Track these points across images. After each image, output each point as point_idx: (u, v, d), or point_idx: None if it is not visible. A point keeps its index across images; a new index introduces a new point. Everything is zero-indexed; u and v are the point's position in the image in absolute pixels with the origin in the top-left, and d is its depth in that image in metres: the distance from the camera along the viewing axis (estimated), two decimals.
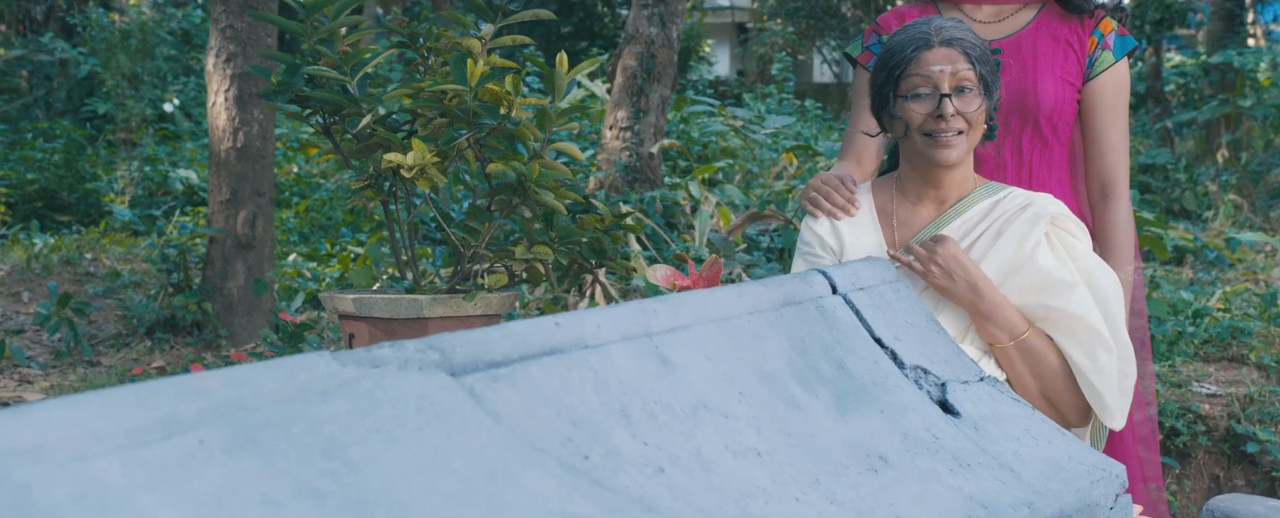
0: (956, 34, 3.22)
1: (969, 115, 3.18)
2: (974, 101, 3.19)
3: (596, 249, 3.89)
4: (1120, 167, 3.67)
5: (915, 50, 3.23)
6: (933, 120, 3.20)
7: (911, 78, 3.22)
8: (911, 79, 3.22)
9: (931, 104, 3.19)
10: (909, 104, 3.22)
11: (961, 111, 3.17)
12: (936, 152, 3.21)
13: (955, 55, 3.19)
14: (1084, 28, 3.70)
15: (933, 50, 3.20)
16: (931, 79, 3.18)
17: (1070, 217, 3.29)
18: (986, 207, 3.33)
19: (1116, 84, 3.69)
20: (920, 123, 3.22)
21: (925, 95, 3.20)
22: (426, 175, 3.54)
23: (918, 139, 3.25)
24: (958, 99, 3.17)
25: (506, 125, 3.58)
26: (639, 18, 10.23)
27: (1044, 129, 3.65)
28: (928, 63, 3.19)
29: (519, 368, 2.03)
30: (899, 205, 3.40)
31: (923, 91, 3.20)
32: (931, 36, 3.22)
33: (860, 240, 3.40)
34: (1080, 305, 3.16)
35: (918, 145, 3.26)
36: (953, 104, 3.16)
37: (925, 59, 3.20)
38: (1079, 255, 3.27)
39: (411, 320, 3.64)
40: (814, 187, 3.52)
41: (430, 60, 3.76)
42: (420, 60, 3.77)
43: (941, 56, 3.19)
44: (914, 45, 3.24)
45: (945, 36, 3.22)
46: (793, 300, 2.68)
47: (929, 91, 3.19)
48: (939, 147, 3.21)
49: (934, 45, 3.21)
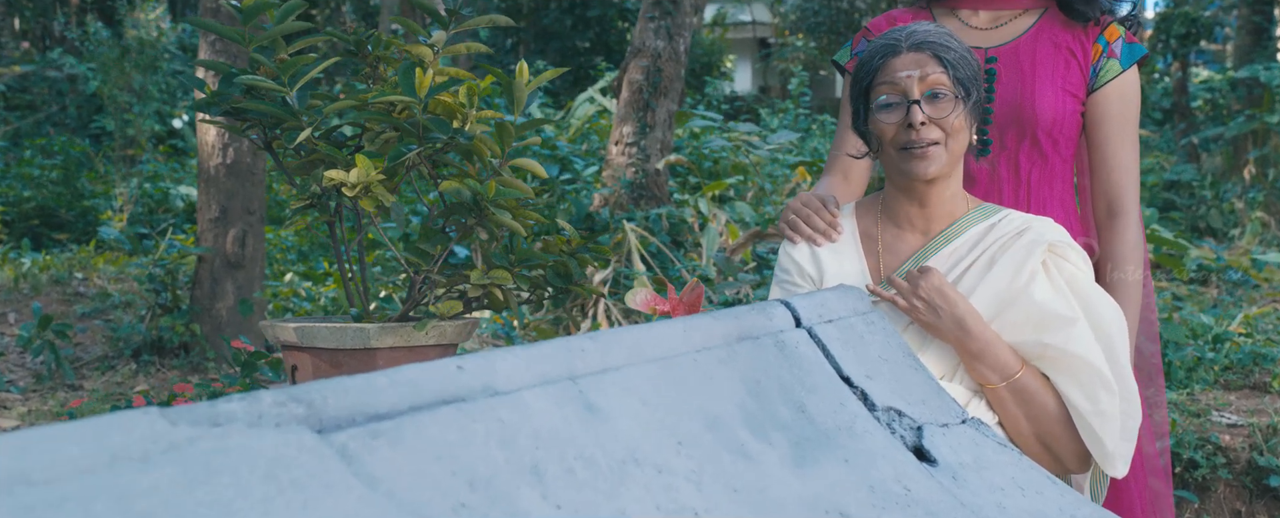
0: (929, 38, 2.98)
1: (944, 123, 2.93)
2: (948, 107, 2.93)
3: (561, 273, 3.61)
4: (1129, 184, 3.40)
5: (883, 58, 3.00)
6: (904, 131, 2.96)
7: (880, 86, 2.99)
8: (880, 88, 2.99)
9: (901, 113, 2.95)
10: (879, 115, 2.98)
11: (934, 119, 2.92)
12: (911, 165, 2.96)
13: (925, 59, 2.95)
14: (1088, 35, 3.43)
15: (901, 56, 2.97)
16: (899, 86, 2.95)
17: (1071, 244, 3.02)
18: (979, 232, 3.06)
19: (1124, 95, 3.42)
20: (892, 135, 2.98)
21: (895, 104, 2.96)
22: (372, 194, 3.27)
23: (892, 154, 3.02)
24: (929, 105, 2.93)
25: (459, 140, 3.31)
26: (645, 30, 9.96)
27: (1043, 144, 3.38)
28: (895, 69, 2.96)
29: (407, 421, 1.75)
30: (884, 230, 3.14)
31: (892, 100, 2.96)
32: (900, 42, 2.99)
33: (842, 268, 3.14)
34: (1080, 343, 2.88)
35: (893, 160, 3.03)
36: (923, 111, 2.91)
37: (893, 66, 2.97)
38: (1080, 287, 3.00)
39: (359, 351, 3.38)
40: (793, 208, 3.26)
41: (380, 70, 3.50)
42: (369, 70, 3.51)
43: (910, 62, 2.95)
44: (882, 53, 3.01)
45: (915, 41, 2.98)
46: (748, 335, 2.40)
47: (898, 100, 2.95)
48: (914, 159, 2.95)
49: (902, 51, 2.97)
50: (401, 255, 3.43)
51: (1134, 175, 3.41)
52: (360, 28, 3.38)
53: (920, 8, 3.59)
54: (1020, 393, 2.90)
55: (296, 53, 3.45)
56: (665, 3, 9.90)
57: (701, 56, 25.16)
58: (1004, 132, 3.37)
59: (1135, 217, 3.40)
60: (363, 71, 3.50)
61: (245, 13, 3.30)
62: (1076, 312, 2.91)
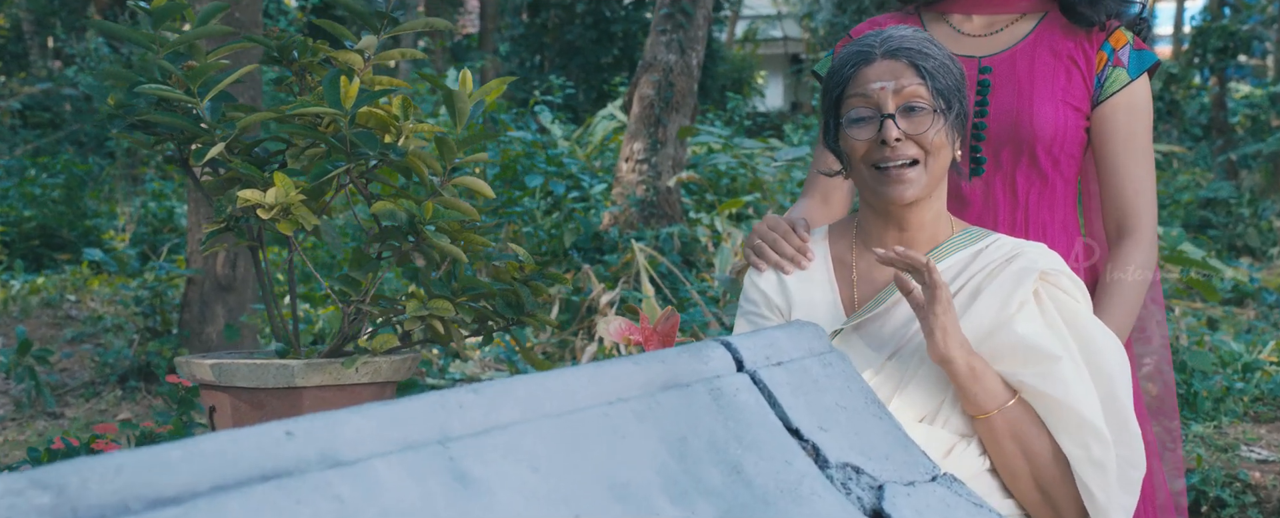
0: (905, 44, 2.68)
1: (923, 140, 2.63)
2: (925, 122, 2.63)
3: (512, 303, 3.28)
4: (1140, 204, 3.08)
5: (854, 66, 2.69)
6: (877, 148, 2.66)
7: (850, 99, 2.69)
8: (851, 100, 2.69)
9: (874, 128, 2.65)
10: (850, 131, 2.68)
11: (911, 135, 2.62)
12: (887, 188, 2.66)
13: (901, 68, 2.64)
14: (1092, 42, 3.12)
15: (874, 64, 2.67)
16: (872, 98, 2.65)
17: (1066, 272, 2.69)
18: (963, 259, 2.75)
19: (1132, 107, 3.09)
20: (864, 152, 2.68)
21: (867, 118, 2.66)
22: (292, 216, 2.95)
23: (865, 173, 2.71)
24: (905, 120, 2.63)
25: (391, 156, 2.98)
26: (656, 44, 9.64)
27: (1042, 162, 3.06)
28: (867, 79, 2.66)
29: (205, 506, 1.40)
30: (859, 256, 2.83)
31: (863, 114, 2.66)
32: (873, 49, 2.69)
33: (812, 298, 2.84)
34: (1060, 385, 2.56)
35: (867, 180, 2.72)
36: (897, 126, 2.61)
37: (865, 75, 2.67)
38: (1075, 321, 2.67)
39: (282, 391, 3.06)
40: (759, 232, 2.95)
41: (308, 79, 3.18)
42: (295, 79, 3.19)
43: (883, 71, 2.65)
44: (853, 61, 2.71)
45: (890, 47, 2.67)
46: (676, 383, 2.06)
47: (870, 113, 2.66)
48: (889, 181, 2.65)
49: (875, 58, 2.67)
50: (329, 284, 3.11)
51: (1148, 194, 3.09)
52: (286, 33, 3.05)
53: (908, 13, 3.27)
54: (1015, 425, 2.59)
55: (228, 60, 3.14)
56: (677, 15, 9.57)
57: (732, 73, 24.84)
58: (999, 149, 3.06)
59: (1147, 237, 3.08)
60: (287, 81, 3.19)
61: (155, 15, 2.98)
62: (1066, 348, 2.59)
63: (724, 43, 28.51)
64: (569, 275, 8.80)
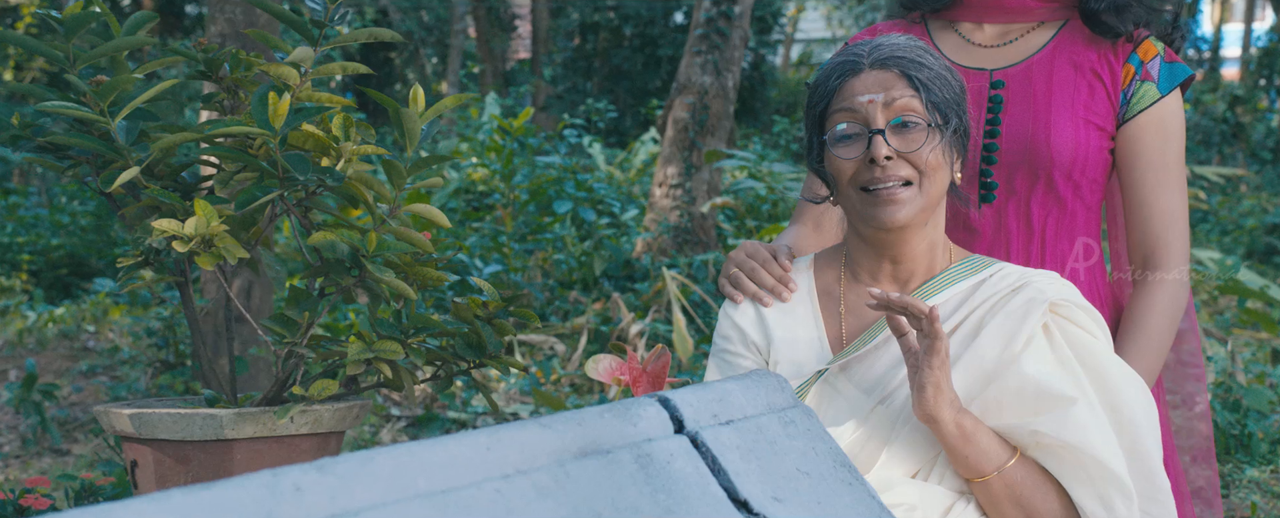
0: (897, 52, 2.41)
1: (916, 158, 2.36)
2: (918, 138, 2.37)
3: (473, 344, 2.96)
4: (1170, 236, 2.76)
5: (840, 78, 2.44)
6: (866, 168, 2.39)
7: (836, 114, 2.43)
8: (835, 115, 2.43)
9: (861, 146, 2.38)
10: (836, 149, 2.42)
11: (903, 153, 2.35)
12: (876, 211, 2.39)
13: (891, 79, 2.39)
14: (1118, 54, 2.80)
15: (862, 75, 2.41)
16: (860, 112, 2.39)
17: (1080, 304, 2.39)
18: (964, 290, 2.48)
19: (1163, 126, 2.78)
20: (851, 173, 2.41)
21: (853, 136, 2.40)
22: (215, 249, 2.64)
23: (853, 196, 2.44)
24: (896, 136, 2.38)
25: (326, 182, 2.67)
26: (691, 65, 9.31)
27: (1061, 187, 2.75)
28: (855, 91, 2.40)
29: None
30: (848, 288, 2.55)
31: (850, 130, 2.40)
32: (861, 58, 2.42)
33: (794, 335, 2.58)
34: (1076, 431, 2.29)
35: (854, 204, 2.45)
36: (887, 143, 2.34)
37: (852, 87, 2.41)
38: (1091, 358, 2.40)
39: (211, 444, 2.75)
40: (736, 261, 2.67)
41: (240, 96, 2.87)
42: (226, 96, 2.89)
43: (872, 82, 2.39)
44: (840, 72, 2.45)
45: (879, 56, 2.41)
46: (595, 449, 1.74)
47: (857, 130, 2.40)
48: (878, 204, 2.39)
49: (863, 69, 2.41)
50: (258, 325, 2.80)
51: (1179, 225, 2.78)
52: (214, 45, 2.74)
53: (913, 22, 2.94)
54: (1016, 488, 2.32)
55: (149, 76, 2.84)
56: (713, 36, 9.24)
57: (785, 96, 24.50)
58: (1013, 173, 2.76)
59: (1178, 273, 2.77)
60: (217, 98, 2.88)
61: (67, 25, 2.69)
62: (1081, 389, 2.33)
63: (779, 66, 28.17)
64: (599, 305, 8.49)
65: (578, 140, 11.85)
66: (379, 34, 2.79)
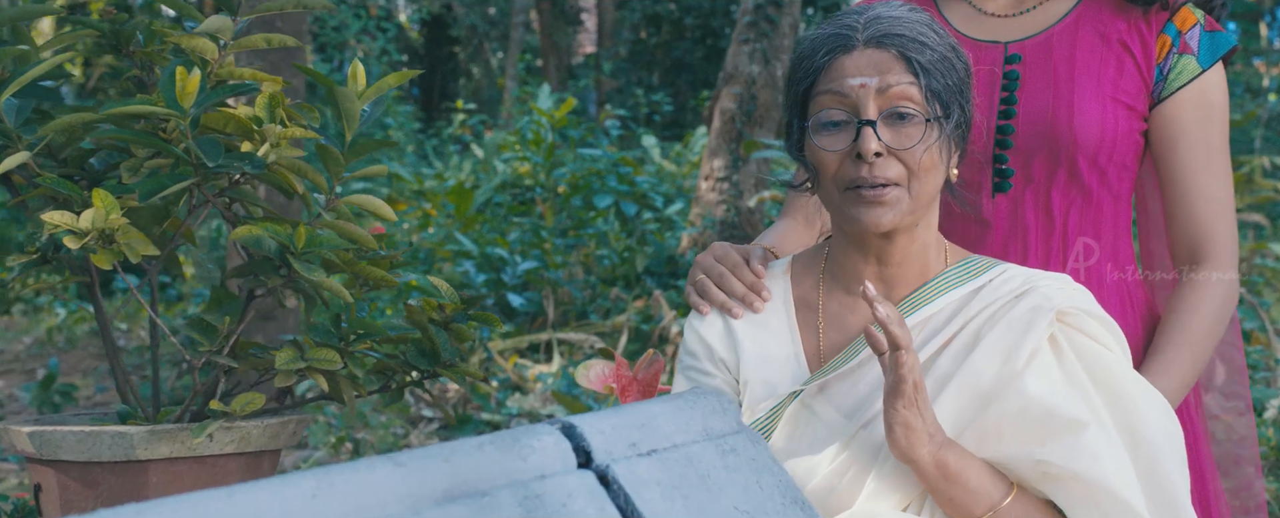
0: (895, 28, 2.09)
1: (909, 157, 2.07)
2: (915, 134, 2.07)
3: (426, 351, 2.65)
4: (1218, 226, 2.44)
5: (829, 55, 2.12)
6: (852, 163, 2.09)
7: (821, 96, 2.12)
8: (820, 98, 2.12)
9: (848, 137, 2.08)
10: (819, 138, 2.12)
11: (895, 150, 2.06)
12: (860, 211, 2.10)
13: (887, 61, 2.08)
14: (1151, 23, 2.47)
15: (854, 55, 2.10)
16: (849, 97, 2.08)
17: (1093, 312, 2.09)
18: (960, 298, 2.18)
19: (1204, 103, 2.45)
20: (835, 168, 2.12)
21: (840, 124, 2.10)
22: (116, 245, 2.34)
23: (835, 193, 2.13)
24: (888, 129, 2.07)
25: (245, 169, 2.37)
26: (738, 54, 8.97)
27: (1085, 174, 2.43)
28: (844, 72, 2.09)
29: None
30: (828, 295, 2.27)
31: (836, 118, 2.10)
32: (854, 33, 2.11)
33: (766, 350, 2.26)
34: (1087, 460, 1.98)
35: (836, 202, 2.14)
36: (877, 137, 2.05)
37: (842, 67, 2.10)
38: (1105, 374, 2.09)
39: (122, 465, 2.45)
40: (702, 265, 2.37)
41: (156, 72, 2.57)
42: (138, 73, 2.59)
43: (865, 63, 2.09)
44: (828, 46, 2.12)
45: (875, 32, 2.09)
46: (466, 491, 1.42)
47: (844, 118, 2.09)
48: (863, 204, 2.09)
49: (856, 46, 2.10)
50: (167, 329, 2.50)
51: (1226, 213, 2.46)
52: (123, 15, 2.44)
53: None
54: None
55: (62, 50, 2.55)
56: (761, 24, 8.90)
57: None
58: (1031, 159, 2.45)
59: (1228, 266, 2.44)
60: (129, 75, 2.58)
61: None
62: (1093, 411, 2.03)
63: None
64: (641, 302, 8.18)
65: (619, 132, 11.51)
66: (308, 2, 2.48)
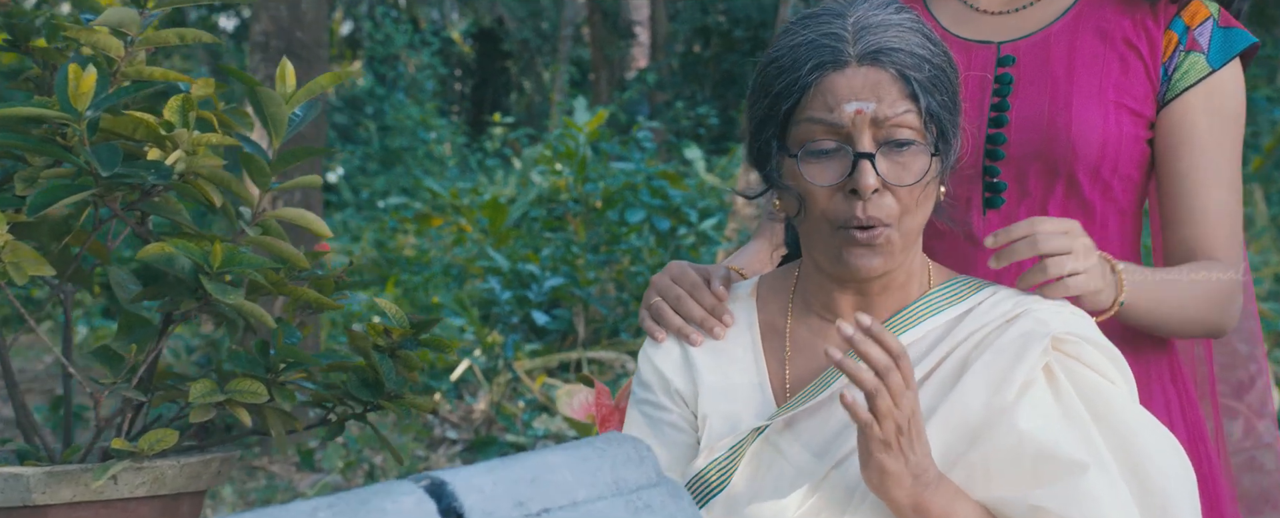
0: (891, 41, 1.86)
1: (905, 194, 1.86)
2: (918, 167, 1.87)
3: (368, 381, 2.40)
4: (1219, 238, 2.19)
5: (817, 71, 1.86)
6: (844, 200, 1.87)
7: (806, 123, 1.88)
8: (805, 126, 1.88)
9: (840, 169, 1.86)
10: (807, 168, 1.89)
11: (893, 186, 1.85)
12: (850, 256, 1.89)
13: (885, 83, 1.85)
14: (1158, 18, 2.23)
15: (846, 73, 1.85)
16: (842, 126, 1.85)
17: (1093, 339, 1.93)
18: (945, 324, 1.97)
19: (1215, 106, 2.20)
20: (825, 203, 1.88)
21: (830, 153, 1.87)
22: (4, 263, 2.09)
23: (822, 229, 1.92)
24: (887, 161, 1.86)
25: (148, 179, 2.12)
26: None
27: (1086, 188, 2.21)
28: (838, 95, 1.85)
29: None
30: (797, 321, 2.04)
31: (825, 146, 1.87)
32: (844, 47, 1.85)
33: (728, 381, 2.05)
34: (1088, 506, 1.78)
35: (822, 238, 1.93)
36: (876, 173, 1.84)
37: (834, 88, 1.85)
38: (1107, 409, 1.89)
39: (19, 511, 2.21)
40: (659, 287, 2.15)
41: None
42: (37, 70, 2.35)
43: (861, 85, 1.85)
44: (816, 61, 1.87)
45: (869, 46, 1.85)
46: None
47: (834, 146, 1.86)
48: (856, 247, 1.88)
49: (848, 62, 1.85)
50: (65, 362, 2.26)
51: (1230, 225, 2.21)
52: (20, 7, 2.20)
53: None
54: None
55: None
56: None
57: None
58: (1025, 171, 2.22)
59: (1233, 275, 2.18)
60: (27, 74, 2.35)
61: None
62: (1093, 451, 1.83)
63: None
64: None
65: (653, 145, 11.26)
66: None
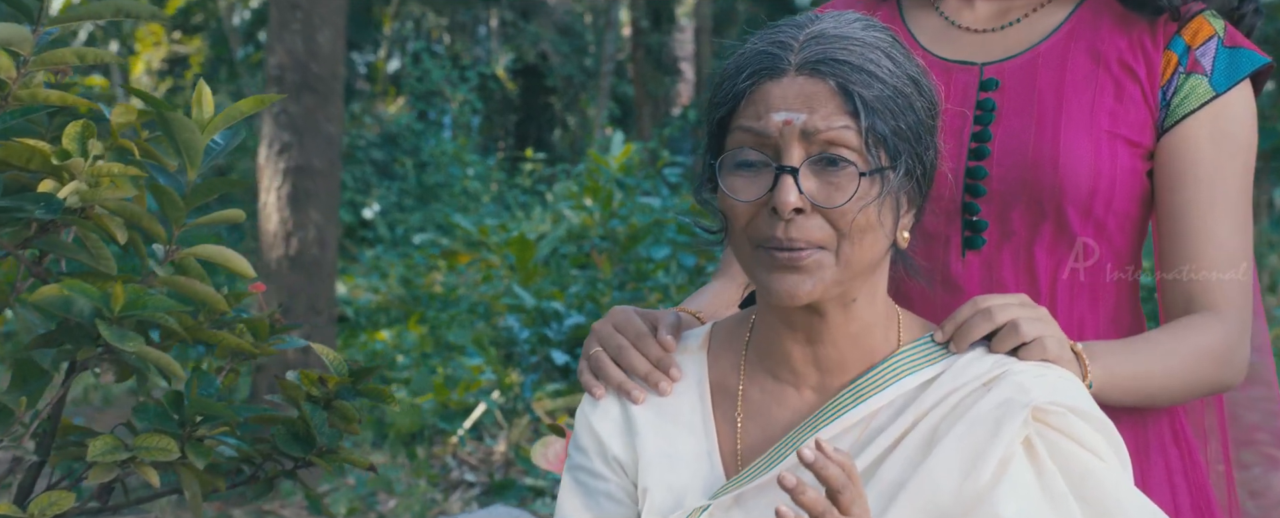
0: (838, 52, 1.69)
1: (839, 217, 1.67)
2: (847, 188, 1.67)
3: (299, 435, 2.20)
4: (1226, 281, 1.98)
5: (753, 79, 1.71)
6: (766, 219, 1.70)
7: (735, 132, 1.74)
8: (736, 134, 1.74)
9: (763, 184, 1.70)
10: (728, 180, 1.74)
11: (821, 206, 1.65)
12: (773, 277, 1.71)
13: (822, 95, 1.68)
14: (1157, 38, 2.02)
15: (782, 82, 1.69)
16: (769, 137, 1.69)
17: (1080, 408, 1.72)
18: (912, 388, 1.75)
19: (1220, 133, 1.98)
20: (746, 219, 1.73)
21: (753, 166, 1.72)
22: None
23: (747, 250, 1.75)
24: (814, 179, 1.68)
25: (35, 215, 1.92)
26: None
27: (1075, 226, 2.00)
28: (769, 104, 1.70)
29: None
30: (749, 380, 1.82)
31: (751, 158, 1.71)
32: (785, 54, 1.70)
33: (673, 448, 1.84)
34: None
35: (747, 261, 1.77)
36: (798, 188, 1.65)
37: (766, 96, 1.70)
38: (1096, 490, 1.67)
39: None
40: (600, 336, 1.94)
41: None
42: None
43: (794, 95, 1.68)
44: (753, 68, 1.72)
45: (812, 55, 1.69)
46: None
47: (760, 159, 1.70)
48: (776, 269, 1.70)
49: (786, 71, 1.69)
50: None
51: (1241, 263, 1.99)
52: None
53: (880, 1, 2.21)
54: None
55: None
56: None
57: None
58: (1008, 208, 2.02)
59: (1236, 326, 1.97)
60: None
61: None
62: None
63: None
64: None
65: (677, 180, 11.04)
66: (129, 8, 2.03)
